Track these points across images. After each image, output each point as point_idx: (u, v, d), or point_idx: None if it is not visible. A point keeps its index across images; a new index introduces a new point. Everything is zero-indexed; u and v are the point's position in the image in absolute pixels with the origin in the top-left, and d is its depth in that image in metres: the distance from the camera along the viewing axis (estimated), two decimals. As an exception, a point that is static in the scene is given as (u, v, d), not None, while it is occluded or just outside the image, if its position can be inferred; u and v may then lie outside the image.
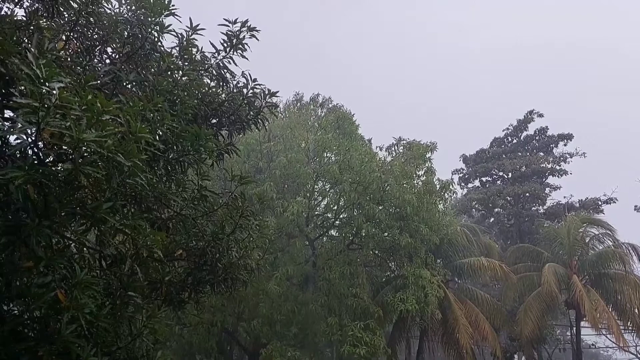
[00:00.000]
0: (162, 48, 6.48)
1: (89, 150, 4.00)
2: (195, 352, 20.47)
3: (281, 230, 17.96)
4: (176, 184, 5.57)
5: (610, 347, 40.17)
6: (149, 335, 5.06)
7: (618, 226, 27.60)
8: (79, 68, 5.72)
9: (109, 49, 6.43)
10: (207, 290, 6.20)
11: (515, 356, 31.66)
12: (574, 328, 27.69)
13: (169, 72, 6.09)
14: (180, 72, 6.24)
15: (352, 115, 24.03)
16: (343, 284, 18.83)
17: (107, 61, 6.43)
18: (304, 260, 19.35)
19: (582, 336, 29.26)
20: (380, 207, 18.82)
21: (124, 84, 5.92)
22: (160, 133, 5.13)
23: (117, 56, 6.38)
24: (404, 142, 21.91)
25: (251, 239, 6.21)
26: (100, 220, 4.38)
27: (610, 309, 25.39)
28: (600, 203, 36.84)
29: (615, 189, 38.19)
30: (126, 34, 6.21)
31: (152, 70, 6.12)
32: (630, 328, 26.58)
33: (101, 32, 6.23)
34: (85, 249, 4.85)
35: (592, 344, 39.21)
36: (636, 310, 25.57)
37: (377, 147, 23.62)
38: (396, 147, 22.21)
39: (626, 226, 27.65)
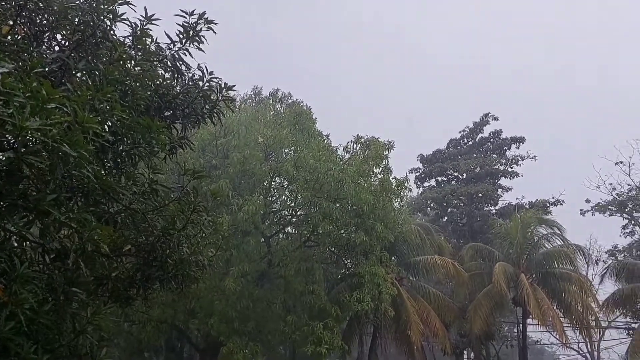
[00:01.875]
0: (115, 37, 6.29)
1: (32, 139, 3.85)
2: (143, 350, 20.11)
3: (236, 227, 17.78)
4: (126, 177, 5.41)
5: (554, 344, 41.73)
6: (93, 332, 4.91)
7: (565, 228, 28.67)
8: (25, 54, 5.48)
9: (59, 36, 6.20)
10: (156, 286, 6.07)
11: (465, 352, 32.40)
12: (521, 325, 28.55)
13: (121, 62, 5.91)
14: (133, 62, 6.07)
15: (311, 111, 24.00)
16: (299, 280, 18.83)
17: (56, 48, 6.20)
18: (259, 258, 19.24)
19: (528, 333, 30.24)
20: (337, 205, 18.88)
21: (73, 72, 5.72)
22: (110, 124, 4.98)
23: (66, 43, 6.15)
24: (362, 140, 21.98)
25: (203, 235, 6.11)
26: (43, 212, 4.23)
27: (555, 307, 26.30)
28: (548, 205, 38.09)
29: (563, 192, 39.61)
30: (77, 20, 5.99)
31: (103, 59, 5.92)
32: (573, 325, 27.65)
33: (50, 18, 6.00)
34: (27, 242, 4.67)
35: (538, 341, 40.59)
36: (580, 308, 26.57)
37: (337, 145, 23.56)
38: (354, 145, 22.25)
39: (571, 228, 28.71)
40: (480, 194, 38.36)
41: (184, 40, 6.75)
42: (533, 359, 43.76)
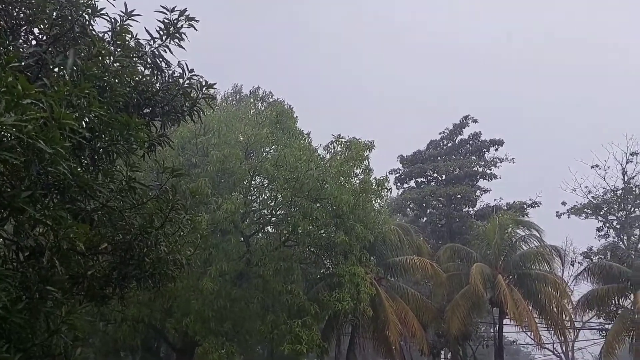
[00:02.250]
0: (94, 32, 6.21)
1: (7, 135, 3.78)
2: (119, 349, 19.89)
3: (216, 226, 17.67)
4: (103, 175, 5.33)
5: (529, 344, 42.35)
6: (67, 332, 4.84)
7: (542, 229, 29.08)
8: (1, 48, 5.38)
9: (36, 30, 6.10)
10: (133, 285, 5.99)
11: (442, 352, 32.66)
12: (497, 325, 28.88)
13: (100, 58, 5.83)
14: (112, 57, 5.99)
15: (292, 110, 23.96)
16: (278, 280, 18.79)
17: (33, 42, 6.09)
18: (238, 257, 19.16)
19: (504, 333, 30.60)
20: (318, 205, 18.88)
21: (50, 67, 5.63)
22: (87, 120, 4.92)
23: (44, 37, 6.05)
24: (343, 140, 21.94)
25: (182, 233, 6.05)
26: (18, 209, 4.16)
27: (531, 308, 26.67)
28: (525, 207, 38.57)
29: (540, 194, 40.15)
30: (55, 14, 5.90)
31: (82, 54, 5.84)
32: (548, 326, 28.10)
33: (28, 11, 5.90)
34: (1, 239, 4.58)
35: (514, 341, 41.12)
36: (555, 309, 26.99)
37: (318, 145, 23.50)
38: (335, 145, 22.22)
39: (548, 230, 29.09)
40: (459, 195, 38.68)
41: (164, 37, 6.69)
42: (509, 359, 44.35)
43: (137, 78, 6.41)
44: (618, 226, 38.45)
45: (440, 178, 41.26)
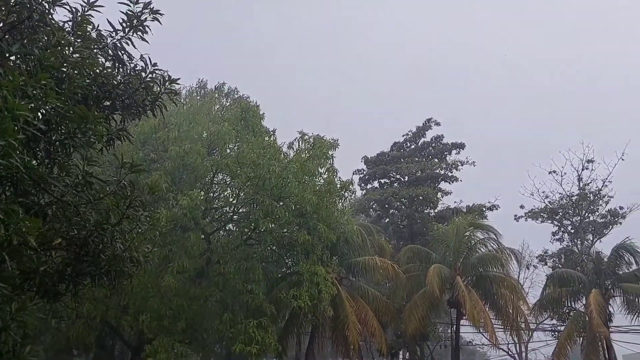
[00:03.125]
0: (53, 21, 6.04)
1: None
2: (72, 347, 19.38)
3: (176, 222, 17.39)
4: (59, 168, 5.19)
5: (485, 345, 43.27)
6: (17, 329, 4.69)
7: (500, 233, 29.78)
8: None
9: (-8, 17, 5.88)
10: (87, 282, 5.85)
11: (400, 352, 33.03)
12: (455, 326, 29.38)
13: (59, 48, 5.66)
14: (72, 48, 5.83)
15: (258, 108, 23.79)
16: (238, 279, 18.64)
17: (-12, 29, 5.88)
18: (198, 254, 18.93)
19: (461, 334, 31.18)
20: (281, 203, 18.80)
21: (6, 55, 5.44)
22: (43, 112, 4.77)
23: (0, 25, 5.85)
24: (307, 137, 21.78)
25: (139, 230, 5.94)
26: (-35, 202, 4.01)
27: (487, 309, 27.23)
28: (484, 209, 39.39)
29: (498, 197, 41.06)
30: (12, 1, 5.71)
31: (40, 43, 5.66)
32: (504, 327, 28.78)
33: (-17, -3, 5.69)
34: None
35: (470, 341, 41.96)
36: (510, 310, 27.65)
37: (282, 143, 23.29)
38: (299, 143, 21.96)
39: (506, 233, 29.79)
40: (420, 197, 39.15)
41: (127, 30, 6.55)
42: (465, 359, 45.19)
43: (97, 70, 6.26)
44: (572, 231, 39.70)
45: (403, 179, 41.71)
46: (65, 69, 5.55)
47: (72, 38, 6.05)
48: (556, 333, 32.79)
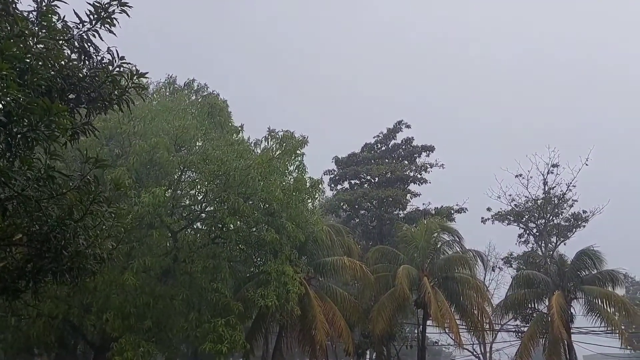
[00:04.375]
0: (17, 10, 5.86)
1: None
2: (33, 346, 18.87)
3: (141, 219, 17.08)
4: (20, 162, 5.04)
5: (451, 345, 43.83)
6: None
7: (466, 234, 30.29)
8: None
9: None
10: (48, 279, 5.70)
11: (367, 352, 33.17)
12: (421, 326, 29.67)
13: (22, 38, 5.50)
14: (36, 39, 5.67)
15: (227, 104, 23.54)
16: (205, 278, 18.44)
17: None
18: (164, 252, 18.65)
19: (427, 334, 31.50)
20: (250, 202, 18.65)
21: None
22: (4, 103, 4.62)
23: (-41, 12, 5.65)
24: (275, 133, 21.48)
25: (103, 227, 5.80)
26: None
27: (453, 310, 27.59)
28: (452, 212, 39.92)
29: (467, 200, 41.65)
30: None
31: (2, 33, 5.49)
32: (469, 327, 29.21)
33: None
34: None
35: (436, 342, 42.47)
36: (475, 312, 28.07)
37: (250, 140, 22.97)
38: (268, 139, 21.64)
39: (473, 235, 30.32)
40: (390, 198, 39.46)
41: (94, 21, 6.41)
42: (431, 359, 45.73)
43: (62, 62, 6.11)
44: (537, 234, 40.55)
45: (373, 181, 41.95)
46: (28, 60, 5.40)
47: (37, 28, 5.89)
48: (520, 334, 33.40)
